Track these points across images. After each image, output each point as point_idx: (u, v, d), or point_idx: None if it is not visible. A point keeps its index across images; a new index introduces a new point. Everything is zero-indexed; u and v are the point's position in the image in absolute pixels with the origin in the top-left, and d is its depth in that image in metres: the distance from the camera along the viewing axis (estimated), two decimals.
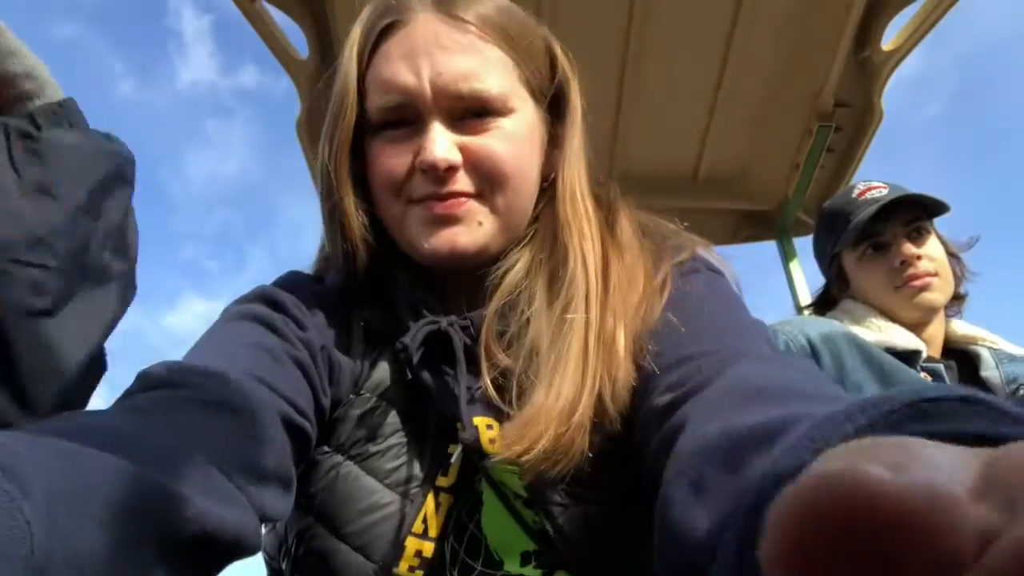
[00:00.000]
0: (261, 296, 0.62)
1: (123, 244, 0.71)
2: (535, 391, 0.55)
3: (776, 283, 2.07)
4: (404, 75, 0.61)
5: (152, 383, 0.48)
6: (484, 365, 0.59)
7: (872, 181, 1.28)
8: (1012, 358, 1.19)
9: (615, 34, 1.64)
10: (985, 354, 1.20)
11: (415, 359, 0.58)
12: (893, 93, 1.65)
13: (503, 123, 0.62)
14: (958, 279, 1.27)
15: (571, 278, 0.60)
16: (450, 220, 0.61)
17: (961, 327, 1.27)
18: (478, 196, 0.62)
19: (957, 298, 1.28)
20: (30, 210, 0.61)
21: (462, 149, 0.61)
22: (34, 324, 0.60)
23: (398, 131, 0.63)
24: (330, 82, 0.67)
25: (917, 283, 1.19)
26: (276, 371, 0.54)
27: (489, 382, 0.59)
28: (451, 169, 0.61)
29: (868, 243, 1.24)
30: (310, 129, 1.66)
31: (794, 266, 2.03)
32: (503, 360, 0.59)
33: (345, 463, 0.59)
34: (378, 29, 0.63)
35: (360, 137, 0.65)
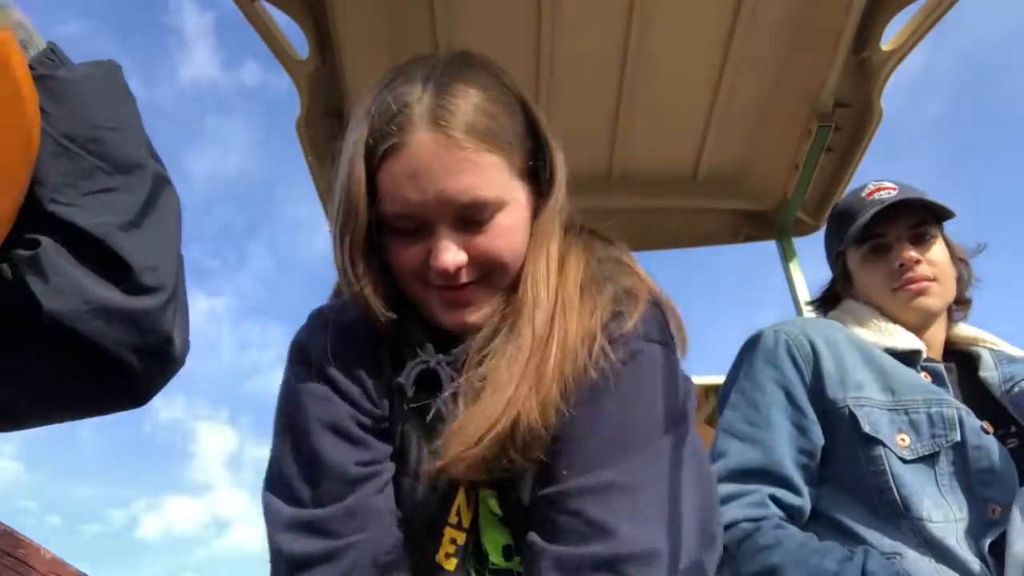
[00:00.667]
0: (306, 363, 0.75)
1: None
2: (467, 408, 0.67)
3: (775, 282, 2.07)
4: (412, 194, 0.70)
5: (308, 562, 0.65)
6: (462, 390, 0.70)
7: (884, 181, 1.28)
8: (1012, 359, 1.19)
9: (615, 34, 1.64)
10: (985, 355, 1.20)
11: (410, 393, 0.71)
12: (894, 92, 1.65)
13: (500, 219, 0.73)
14: (964, 284, 1.26)
15: (527, 319, 0.71)
16: (461, 303, 0.74)
17: (963, 329, 1.27)
18: (483, 280, 0.74)
19: (961, 303, 1.27)
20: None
21: (467, 248, 0.72)
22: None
23: (412, 233, 0.74)
24: (330, 82, 0.71)
25: (914, 287, 1.19)
26: (362, 452, 0.71)
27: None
28: (459, 268, 0.72)
29: (870, 244, 1.25)
30: (309, 128, 1.66)
31: (794, 266, 2.03)
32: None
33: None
34: (380, 150, 0.71)
35: (369, 232, 0.75)
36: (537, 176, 0.79)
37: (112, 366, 0.67)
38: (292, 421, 0.73)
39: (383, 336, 0.76)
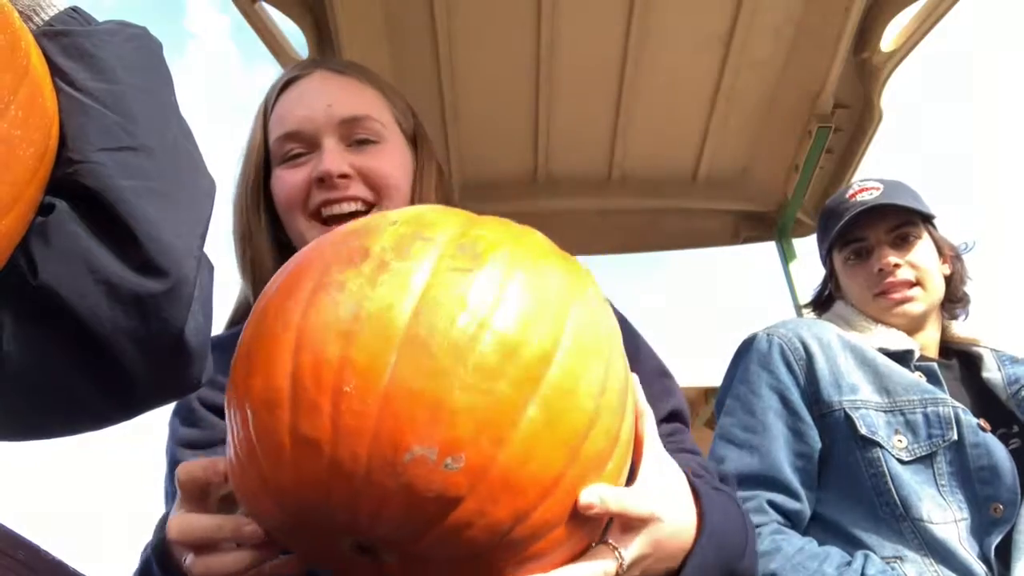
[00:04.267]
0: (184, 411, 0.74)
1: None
2: None
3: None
4: (300, 110, 0.77)
5: None
6: None
7: (869, 180, 1.26)
8: (1015, 360, 1.18)
9: (615, 34, 1.64)
10: (987, 355, 1.20)
11: None
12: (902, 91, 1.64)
13: (384, 147, 0.78)
14: (958, 281, 1.25)
15: None
16: (343, 220, 0.72)
17: (961, 328, 1.26)
18: (372, 206, 0.76)
19: (956, 300, 1.25)
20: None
21: (353, 166, 0.75)
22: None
23: (297, 159, 0.77)
24: None
25: (895, 296, 1.18)
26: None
27: None
28: (344, 177, 0.74)
29: (851, 248, 1.24)
30: None
31: (793, 267, 2.03)
32: None
33: None
34: (280, 84, 0.80)
35: (267, 176, 0.79)
36: (416, 147, 0.85)
37: (104, 357, 0.55)
38: None
39: None
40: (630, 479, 0.52)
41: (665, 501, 0.52)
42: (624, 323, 0.77)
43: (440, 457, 0.40)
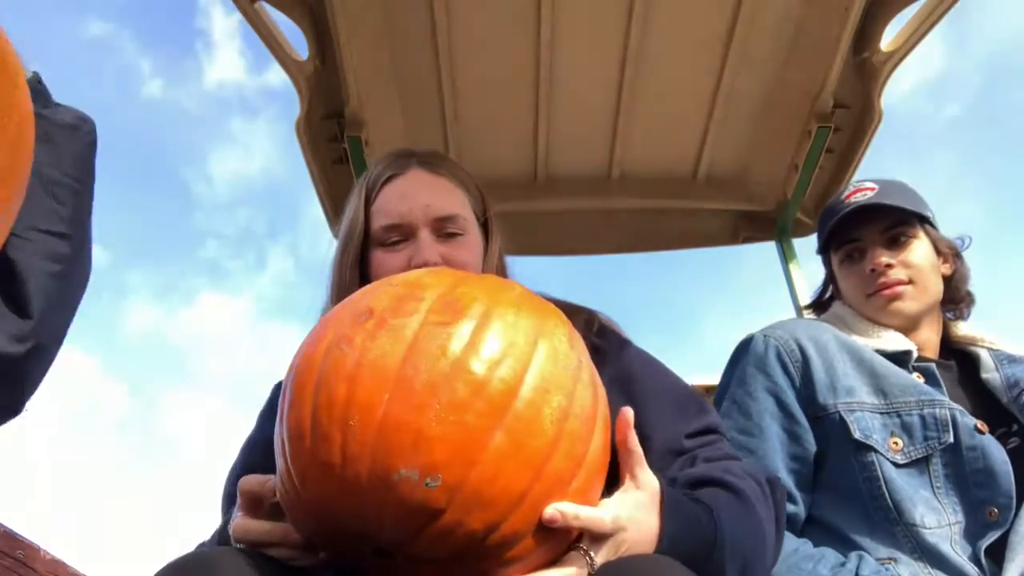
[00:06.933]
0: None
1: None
2: None
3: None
4: (401, 206, 0.92)
5: None
6: None
7: (865, 181, 1.25)
8: (1012, 359, 1.17)
9: (615, 34, 1.64)
10: (984, 355, 1.19)
11: None
12: (913, 93, 1.64)
13: (466, 239, 0.94)
14: (958, 280, 1.23)
15: None
16: None
17: (962, 328, 1.25)
18: None
19: (957, 300, 1.24)
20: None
21: (442, 256, 0.90)
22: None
23: (396, 245, 0.92)
24: (330, 83, 0.74)
25: (886, 293, 1.17)
26: None
27: None
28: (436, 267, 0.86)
29: (846, 249, 1.24)
30: (309, 130, 1.66)
31: (793, 267, 2.03)
32: None
33: None
34: (383, 178, 0.95)
35: (365, 252, 0.94)
36: (485, 230, 1.01)
37: None
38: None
39: None
40: (615, 490, 0.62)
41: (632, 513, 0.60)
42: (647, 360, 0.91)
43: (421, 477, 0.49)
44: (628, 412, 0.63)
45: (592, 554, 0.57)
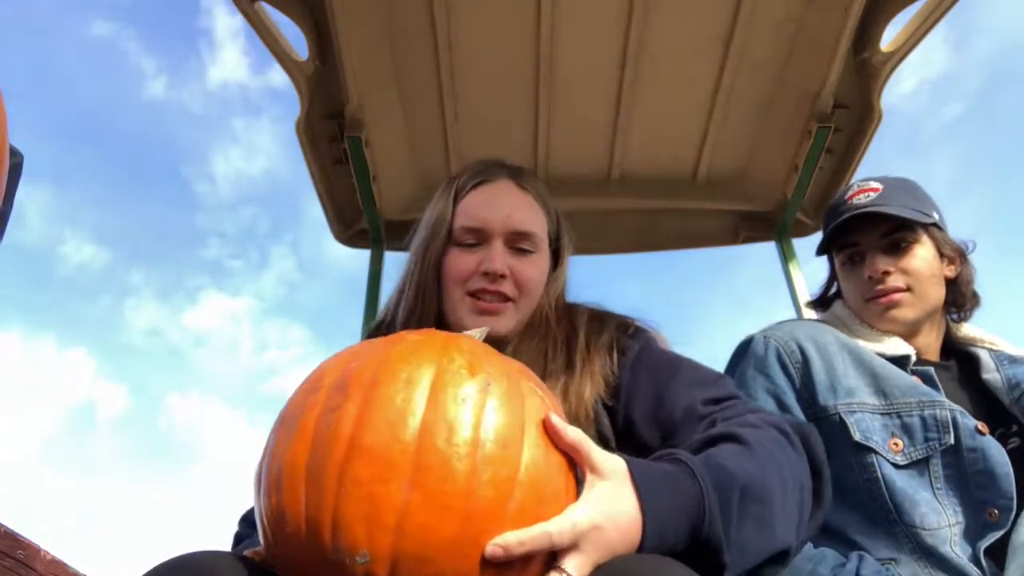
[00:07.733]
0: None
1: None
2: None
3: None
4: (485, 212, 0.97)
5: None
6: None
7: (870, 181, 1.24)
8: (1013, 360, 1.17)
9: (615, 34, 1.64)
10: (984, 356, 1.19)
11: None
12: (915, 93, 1.64)
13: (535, 257, 0.99)
14: (962, 283, 1.21)
15: (549, 354, 0.94)
16: (489, 311, 0.94)
17: (964, 329, 1.25)
18: (512, 301, 0.96)
19: (960, 303, 1.22)
20: None
21: (511, 268, 0.95)
22: None
23: (471, 246, 0.97)
24: (330, 83, 0.73)
25: (883, 301, 1.17)
26: None
27: None
28: (502, 276, 0.94)
29: (846, 253, 1.23)
30: (309, 130, 1.66)
31: (793, 267, 2.03)
32: None
33: None
34: (474, 181, 1.00)
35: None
36: (555, 255, 1.06)
37: None
38: None
39: None
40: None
41: (600, 506, 0.57)
42: (673, 353, 0.96)
43: (351, 558, 0.51)
44: (550, 417, 0.60)
45: (567, 570, 0.54)
